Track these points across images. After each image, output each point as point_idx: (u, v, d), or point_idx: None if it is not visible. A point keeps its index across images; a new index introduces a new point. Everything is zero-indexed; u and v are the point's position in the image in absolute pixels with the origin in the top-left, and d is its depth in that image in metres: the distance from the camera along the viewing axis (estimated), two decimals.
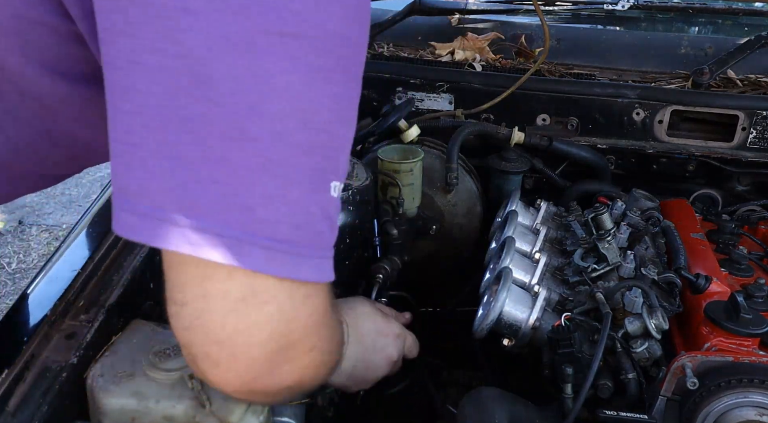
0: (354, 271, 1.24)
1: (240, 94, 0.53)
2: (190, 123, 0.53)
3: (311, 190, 0.58)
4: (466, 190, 1.45)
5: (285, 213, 0.56)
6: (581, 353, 0.96)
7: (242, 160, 0.54)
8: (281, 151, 0.55)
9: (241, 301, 0.57)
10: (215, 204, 0.54)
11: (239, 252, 0.55)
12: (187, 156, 0.54)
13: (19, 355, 0.84)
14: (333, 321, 0.69)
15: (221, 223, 0.54)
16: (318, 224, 0.59)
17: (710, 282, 1.03)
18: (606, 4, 1.91)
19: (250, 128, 0.54)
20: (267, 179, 0.55)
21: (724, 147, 1.51)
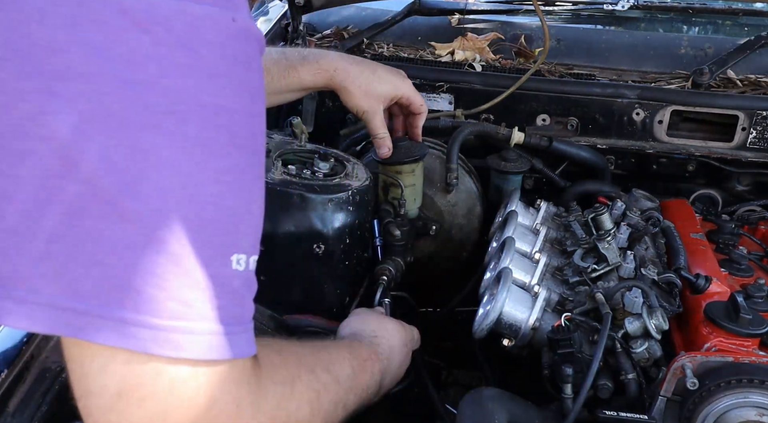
0: (354, 272, 1.24)
1: (113, 174, 0.51)
2: (65, 205, 0.51)
3: (203, 265, 0.55)
4: (466, 190, 1.45)
5: (172, 291, 0.53)
6: (581, 353, 0.96)
7: (123, 240, 0.52)
8: (163, 229, 0.53)
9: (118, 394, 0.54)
10: (97, 285, 0.52)
11: (123, 333, 0.52)
12: (63, 237, 0.52)
13: (19, 355, 0.84)
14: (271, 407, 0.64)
15: (103, 305, 0.52)
16: (215, 300, 0.56)
17: (710, 282, 1.03)
18: (606, 4, 1.91)
19: (127, 207, 0.52)
20: (151, 257, 0.53)
21: (724, 147, 1.51)
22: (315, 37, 1.86)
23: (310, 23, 1.89)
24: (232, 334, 0.58)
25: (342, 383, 0.80)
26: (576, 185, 1.53)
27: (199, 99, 0.54)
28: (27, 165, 0.51)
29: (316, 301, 1.18)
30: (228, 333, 0.57)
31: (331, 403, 0.76)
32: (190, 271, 0.54)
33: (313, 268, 1.13)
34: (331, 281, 1.17)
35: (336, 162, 1.24)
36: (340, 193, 1.12)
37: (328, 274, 1.16)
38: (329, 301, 1.19)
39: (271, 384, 0.65)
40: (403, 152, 1.31)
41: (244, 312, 0.60)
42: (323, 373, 0.77)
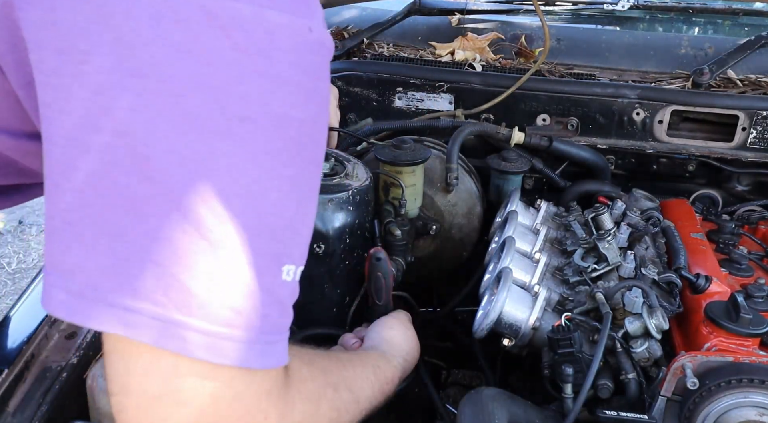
0: (354, 272, 1.24)
1: (180, 174, 0.51)
2: (129, 201, 0.51)
3: (257, 273, 0.55)
4: (466, 190, 1.45)
5: (225, 298, 0.54)
6: (581, 353, 0.96)
7: (182, 241, 0.52)
8: (224, 233, 0.53)
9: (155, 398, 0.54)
10: (152, 284, 0.52)
11: (173, 335, 0.52)
12: (125, 234, 0.52)
13: (19, 355, 0.84)
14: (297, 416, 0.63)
15: (157, 305, 0.52)
16: (263, 309, 0.56)
17: (710, 282, 1.03)
18: (606, 4, 1.91)
19: (191, 208, 0.52)
20: (208, 261, 0.53)
21: (724, 147, 1.51)
22: None
23: None
24: (273, 343, 0.58)
25: (360, 403, 0.80)
26: (576, 185, 1.53)
27: (271, 108, 0.54)
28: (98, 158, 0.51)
29: (316, 301, 1.18)
30: (269, 342, 0.57)
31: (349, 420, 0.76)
32: (245, 279, 0.54)
33: (313, 268, 1.13)
34: (331, 281, 1.17)
35: (336, 162, 1.24)
36: (340, 193, 1.12)
37: (328, 274, 1.16)
38: (329, 301, 1.19)
39: (298, 399, 0.65)
40: (404, 154, 1.31)
41: (285, 322, 0.60)
42: (346, 392, 0.76)
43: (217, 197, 0.52)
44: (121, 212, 0.51)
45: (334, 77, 1.61)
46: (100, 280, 0.52)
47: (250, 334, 0.55)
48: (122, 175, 0.51)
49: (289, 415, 0.62)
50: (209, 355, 0.53)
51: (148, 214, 0.51)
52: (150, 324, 0.52)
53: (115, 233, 0.52)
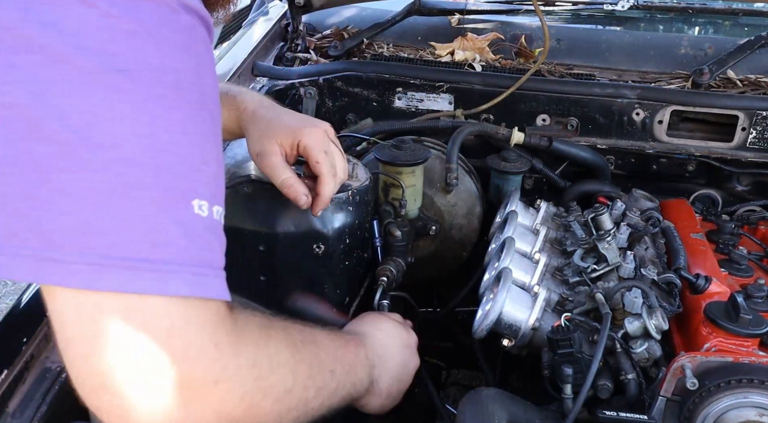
0: (354, 272, 1.24)
1: (71, 130, 0.56)
2: (32, 163, 0.56)
3: (164, 208, 0.58)
4: (466, 190, 1.45)
5: (140, 233, 0.57)
6: (581, 354, 0.96)
7: (86, 190, 0.56)
8: (121, 177, 0.57)
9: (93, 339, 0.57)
10: (68, 234, 0.56)
11: (97, 275, 0.56)
12: (35, 194, 0.56)
13: (19, 356, 0.84)
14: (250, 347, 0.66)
15: (77, 251, 0.56)
16: (180, 241, 0.59)
17: (710, 282, 1.03)
18: (606, 4, 1.91)
19: (86, 159, 0.56)
20: (114, 204, 0.57)
21: (724, 147, 1.51)
22: (315, 37, 1.86)
23: (310, 23, 1.89)
24: (203, 275, 0.60)
25: (319, 345, 0.81)
26: (576, 185, 1.53)
27: (145, 60, 0.59)
28: None
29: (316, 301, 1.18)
30: (198, 273, 0.60)
31: (313, 357, 0.78)
32: (153, 214, 0.58)
33: (313, 268, 1.13)
34: (331, 281, 1.17)
35: None
36: (340, 193, 1.12)
37: (328, 274, 1.16)
38: (329, 301, 1.19)
39: (245, 326, 0.67)
40: (404, 154, 1.31)
41: (213, 257, 0.62)
42: (297, 332, 0.78)
43: (107, 146, 0.57)
44: (27, 174, 0.56)
45: (333, 77, 1.61)
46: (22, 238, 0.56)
47: (172, 266, 0.58)
48: (20, 142, 0.56)
49: (242, 343, 0.65)
50: (133, 287, 0.56)
51: (49, 170, 0.56)
52: (71, 269, 0.55)
53: (26, 194, 0.56)
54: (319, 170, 1.03)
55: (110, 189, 0.57)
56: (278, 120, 1.05)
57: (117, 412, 0.58)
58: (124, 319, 0.57)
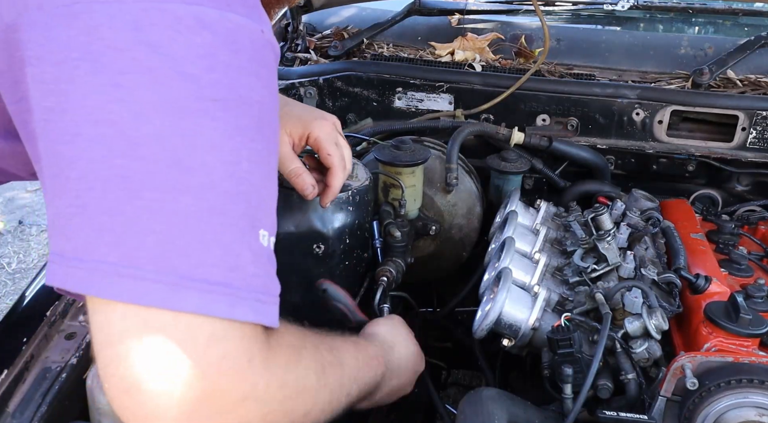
0: (354, 272, 1.24)
1: (168, 152, 0.59)
2: (127, 181, 0.58)
3: (241, 234, 0.62)
4: (466, 190, 1.45)
5: (219, 256, 0.60)
6: (581, 354, 0.96)
7: (175, 211, 0.59)
8: (210, 200, 0.60)
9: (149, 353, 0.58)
10: (152, 252, 0.58)
11: (176, 296, 0.57)
12: (124, 211, 0.58)
13: (19, 356, 0.84)
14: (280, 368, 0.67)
15: (159, 270, 0.58)
16: (251, 267, 0.62)
17: (710, 282, 1.03)
18: (606, 4, 1.91)
19: (179, 181, 0.59)
20: (200, 226, 0.59)
21: (724, 147, 1.51)
22: (315, 37, 1.86)
23: (310, 23, 1.89)
24: (265, 302, 0.63)
25: (345, 367, 0.82)
26: (576, 185, 1.53)
27: (237, 91, 0.63)
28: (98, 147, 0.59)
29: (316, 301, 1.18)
30: (261, 301, 0.62)
31: (336, 381, 0.78)
32: (231, 240, 0.61)
33: (313, 268, 1.13)
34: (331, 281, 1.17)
35: None
36: (340, 193, 1.12)
37: (328, 274, 1.16)
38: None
39: (278, 346, 0.68)
40: (404, 155, 1.31)
41: (272, 285, 0.65)
42: (327, 352, 0.79)
43: (200, 170, 0.60)
44: (120, 191, 0.58)
45: (333, 77, 1.61)
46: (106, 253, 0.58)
47: (241, 291, 0.61)
48: (117, 159, 0.58)
49: (273, 359, 0.66)
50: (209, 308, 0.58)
51: (142, 189, 0.58)
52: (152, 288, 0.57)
53: (116, 210, 0.58)
54: (330, 162, 1.04)
55: (195, 212, 0.59)
56: (288, 110, 1.06)
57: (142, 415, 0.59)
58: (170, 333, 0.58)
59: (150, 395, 0.58)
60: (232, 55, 0.63)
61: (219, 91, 0.62)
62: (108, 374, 0.59)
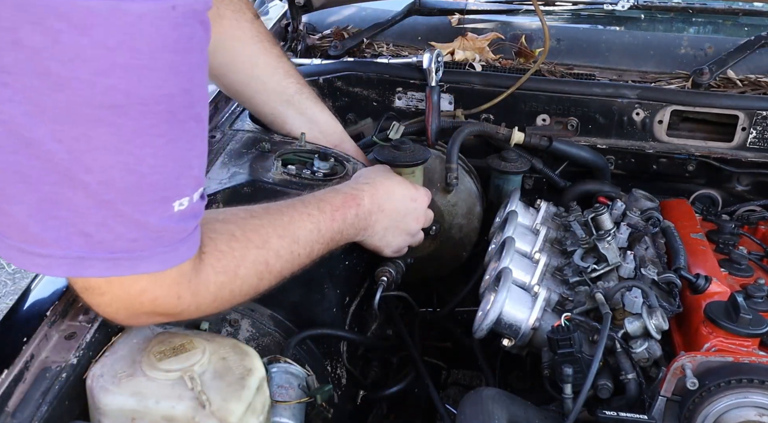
0: (354, 272, 1.24)
1: (65, 153, 0.62)
2: (25, 176, 0.63)
3: (145, 214, 0.69)
4: (466, 190, 1.45)
5: (119, 233, 0.69)
6: (581, 353, 0.96)
7: (74, 201, 0.65)
8: (109, 193, 0.66)
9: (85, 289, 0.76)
10: (56, 235, 0.67)
11: (81, 267, 0.69)
12: (26, 201, 0.65)
13: (19, 355, 0.84)
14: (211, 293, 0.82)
15: (65, 249, 0.68)
16: (155, 233, 0.71)
17: (710, 282, 1.03)
18: (606, 4, 1.91)
19: (78, 178, 0.64)
20: (99, 212, 0.67)
21: (724, 147, 1.51)
22: (315, 37, 1.86)
23: (310, 23, 1.89)
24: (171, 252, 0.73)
25: (301, 240, 0.96)
26: (576, 185, 1.52)
27: (138, 94, 0.63)
28: None
29: (315, 301, 1.18)
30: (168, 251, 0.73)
31: (286, 262, 0.94)
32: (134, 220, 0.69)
33: (313, 268, 1.13)
34: (331, 281, 1.17)
35: (336, 162, 1.24)
36: None
37: (328, 274, 1.16)
38: (329, 301, 1.19)
39: (212, 274, 0.82)
40: (404, 155, 1.31)
41: (184, 232, 0.74)
42: (277, 240, 0.93)
43: (98, 170, 0.64)
44: (19, 184, 0.64)
45: (333, 77, 1.61)
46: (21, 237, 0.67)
47: (143, 253, 0.71)
48: (10, 155, 0.62)
49: (203, 290, 0.81)
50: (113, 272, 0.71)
51: (41, 184, 0.64)
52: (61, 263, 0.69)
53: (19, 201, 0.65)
54: None
55: (95, 202, 0.66)
56: None
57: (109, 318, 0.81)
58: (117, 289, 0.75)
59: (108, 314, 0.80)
60: (131, 56, 0.60)
61: (115, 98, 0.61)
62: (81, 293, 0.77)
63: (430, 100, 1.49)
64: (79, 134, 0.62)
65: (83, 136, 0.62)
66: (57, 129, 0.61)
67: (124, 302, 0.77)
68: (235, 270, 0.86)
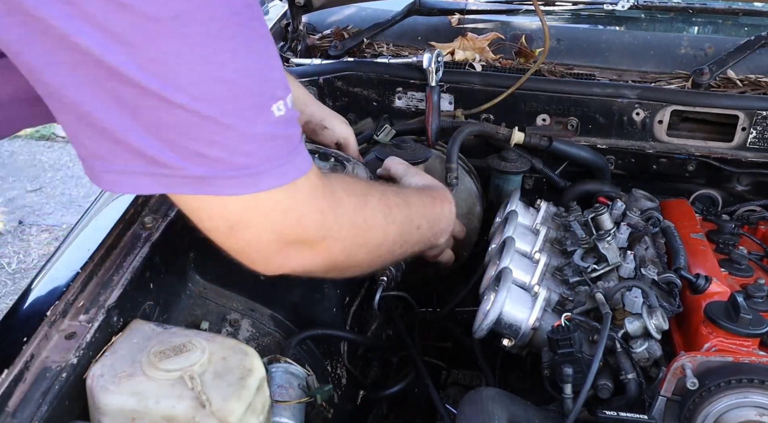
0: None
1: (150, 76, 0.64)
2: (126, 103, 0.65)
3: (249, 123, 0.70)
4: (466, 190, 1.45)
5: (232, 147, 0.70)
6: (581, 353, 0.96)
7: (177, 122, 0.67)
8: (206, 108, 0.67)
9: (230, 228, 0.76)
10: (172, 156, 0.68)
11: (205, 184, 0.70)
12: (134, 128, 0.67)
13: (19, 355, 0.84)
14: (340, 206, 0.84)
15: (184, 168, 0.69)
16: (267, 142, 0.72)
17: (710, 282, 1.03)
18: (606, 4, 1.91)
19: (171, 99, 0.65)
20: (205, 130, 0.68)
21: (724, 147, 1.51)
22: (315, 37, 1.86)
23: (310, 23, 1.89)
24: (290, 161, 0.75)
25: (411, 206, 1.01)
26: (576, 185, 1.52)
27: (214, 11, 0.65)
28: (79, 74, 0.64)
29: (316, 301, 1.18)
30: (287, 162, 0.74)
31: (404, 217, 0.97)
32: (242, 132, 0.70)
33: None
34: (331, 281, 1.17)
35: (336, 162, 1.24)
36: None
37: None
38: (329, 301, 1.19)
39: (345, 195, 0.86)
40: (404, 154, 1.31)
41: (292, 141, 0.76)
42: (393, 195, 0.97)
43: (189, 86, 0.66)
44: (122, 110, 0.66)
45: (333, 77, 1.61)
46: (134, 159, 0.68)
47: (266, 166, 0.72)
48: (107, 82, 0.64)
49: (341, 207, 0.84)
50: (243, 189, 0.72)
51: (142, 108, 0.66)
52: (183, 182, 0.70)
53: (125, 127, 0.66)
54: None
55: (195, 120, 0.67)
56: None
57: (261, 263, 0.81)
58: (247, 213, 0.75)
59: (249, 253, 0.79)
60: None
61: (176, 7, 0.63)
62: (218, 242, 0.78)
63: (430, 100, 1.49)
64: (154, 54, 0.64)
65: (159, 55, 0.64)
66: (132, 52, 0.63)
67: (272, 230, 0.77)
68: (365, 196, 0.90)
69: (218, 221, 0.75)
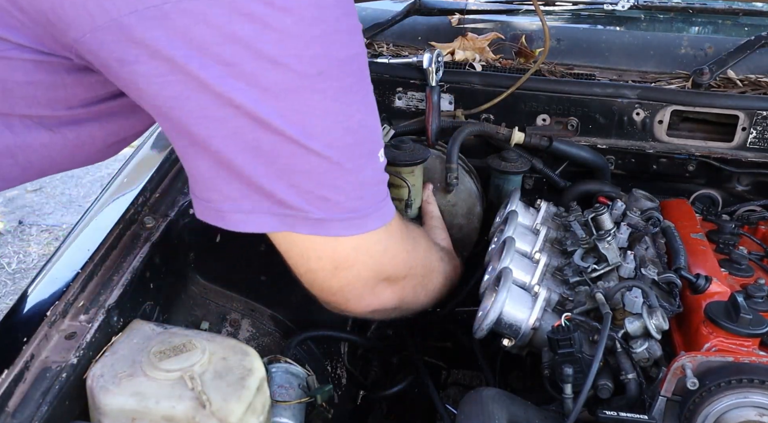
0: None
1: (291, 126, 0.72)
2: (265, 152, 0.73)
3: (363, 169, 0.78)
4: (466, 190, 1.45)
5: (348, 193, 0.78)
6: (581, 353, 0.96)
7: (308, 168, 0.74)
8: (335, 154, 0.75)
9: (335, 267, 0.83)
10: (298, 200, 0.76)
11: (323, 228, 0.78)
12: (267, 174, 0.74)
13: (19, 355, 0.84)
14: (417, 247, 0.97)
15: (309, 212, 0.76)
16: (373, 187, 0.81)
17: (710, 282, 1.02)
18: (606, 4, 1.91)
19: (307, 146, 0.73)
20: (331, 175, 0.76)
21: (724, 147, 1.51)
22: None
23: None
24: (387, 205, 0.84)
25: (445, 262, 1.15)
26: (576, 185, 1.52)
27: (335, 57, 0.72)
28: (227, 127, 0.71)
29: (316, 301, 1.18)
30: (385, 205, 0.83)
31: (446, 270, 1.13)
32: (358, 177, 0.78)
33: None
34: None
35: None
36: None
37: None
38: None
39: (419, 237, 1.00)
40: (404, 154, 1.31)
41: (386, 186, 0.84)
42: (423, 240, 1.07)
43: (322, 134, 0.73)
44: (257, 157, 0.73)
45: None
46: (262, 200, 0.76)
47: (372, 208, 0.81)
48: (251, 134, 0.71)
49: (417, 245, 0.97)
50: (353, 231, 0.80)
51: (279, 156, 0.73)
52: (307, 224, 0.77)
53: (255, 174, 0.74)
54: None
55: (325, 166, 0.74)
56: None
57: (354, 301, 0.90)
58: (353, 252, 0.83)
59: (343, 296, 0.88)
60: (324, 25, 0.70)
61: (319, 65, 0.71)
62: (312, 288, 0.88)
63: (430, 100, 1.49)
64: (298, 105, 0.71)
65: (302, 107, 0.71)
66: (278, 106, 0.70)
67: (371, 268, 0.85)
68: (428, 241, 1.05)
69: (326, 262, 0.82)
